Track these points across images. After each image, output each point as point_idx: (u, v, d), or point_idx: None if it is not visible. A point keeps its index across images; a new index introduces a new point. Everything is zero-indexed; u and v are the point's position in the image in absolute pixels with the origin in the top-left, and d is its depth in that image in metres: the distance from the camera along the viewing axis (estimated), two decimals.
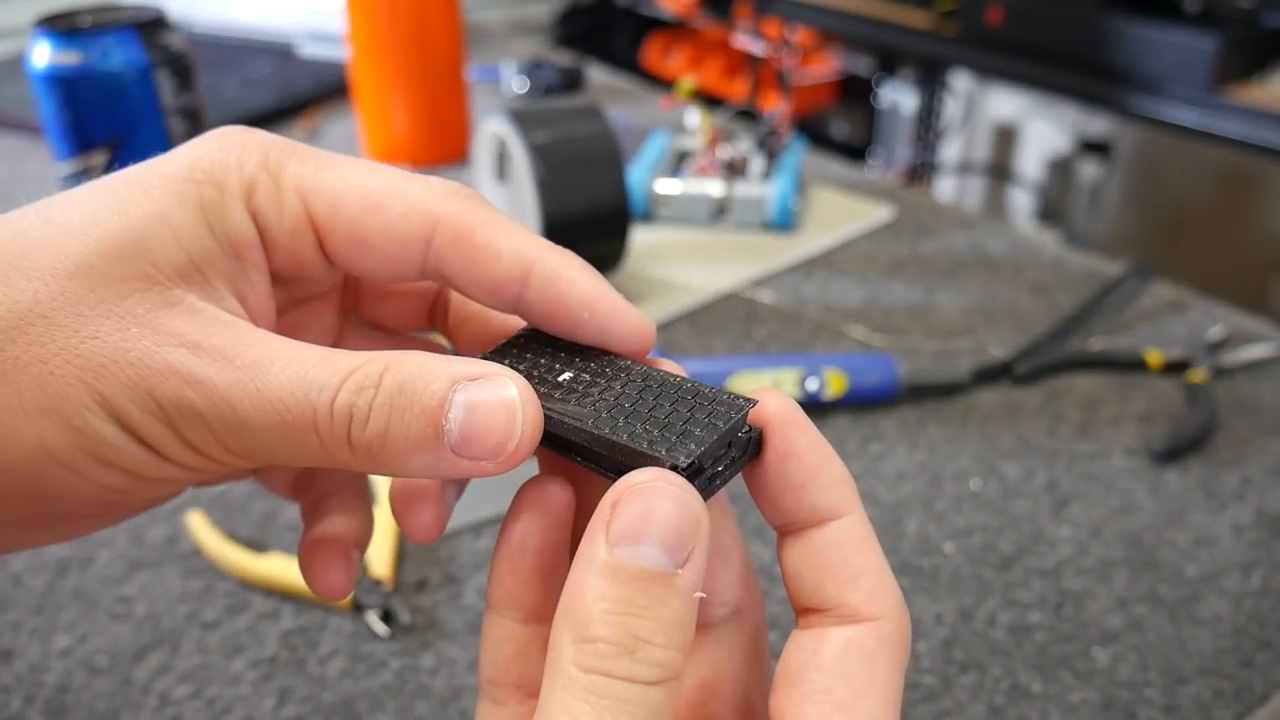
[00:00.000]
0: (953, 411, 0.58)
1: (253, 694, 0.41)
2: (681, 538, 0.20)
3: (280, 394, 0.21)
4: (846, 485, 0.23)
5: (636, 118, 1.00)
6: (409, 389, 0.21)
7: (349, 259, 0.25)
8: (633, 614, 0.20)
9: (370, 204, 0.24)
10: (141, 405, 0.21)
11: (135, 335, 0.21)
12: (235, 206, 0.23)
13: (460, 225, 0.24)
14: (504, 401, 0.22)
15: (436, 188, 0.25)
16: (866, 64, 2.16)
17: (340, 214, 0.24)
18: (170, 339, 0.21)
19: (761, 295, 0.70)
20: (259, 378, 0.21)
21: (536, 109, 0.65)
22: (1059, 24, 1.40)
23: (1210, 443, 0.55)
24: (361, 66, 0.87)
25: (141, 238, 0.22)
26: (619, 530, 0.20)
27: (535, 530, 0.24)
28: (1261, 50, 1.30)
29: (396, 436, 0.21)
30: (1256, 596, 0.46)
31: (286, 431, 0.21)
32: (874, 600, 0.22)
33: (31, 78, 0.62)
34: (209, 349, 0.21)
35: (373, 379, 0.21)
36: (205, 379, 0.21)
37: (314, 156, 0.25)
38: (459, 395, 0.21)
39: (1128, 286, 0.70)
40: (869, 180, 0.90)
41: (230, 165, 0.24)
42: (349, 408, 0.21)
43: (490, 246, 0.24)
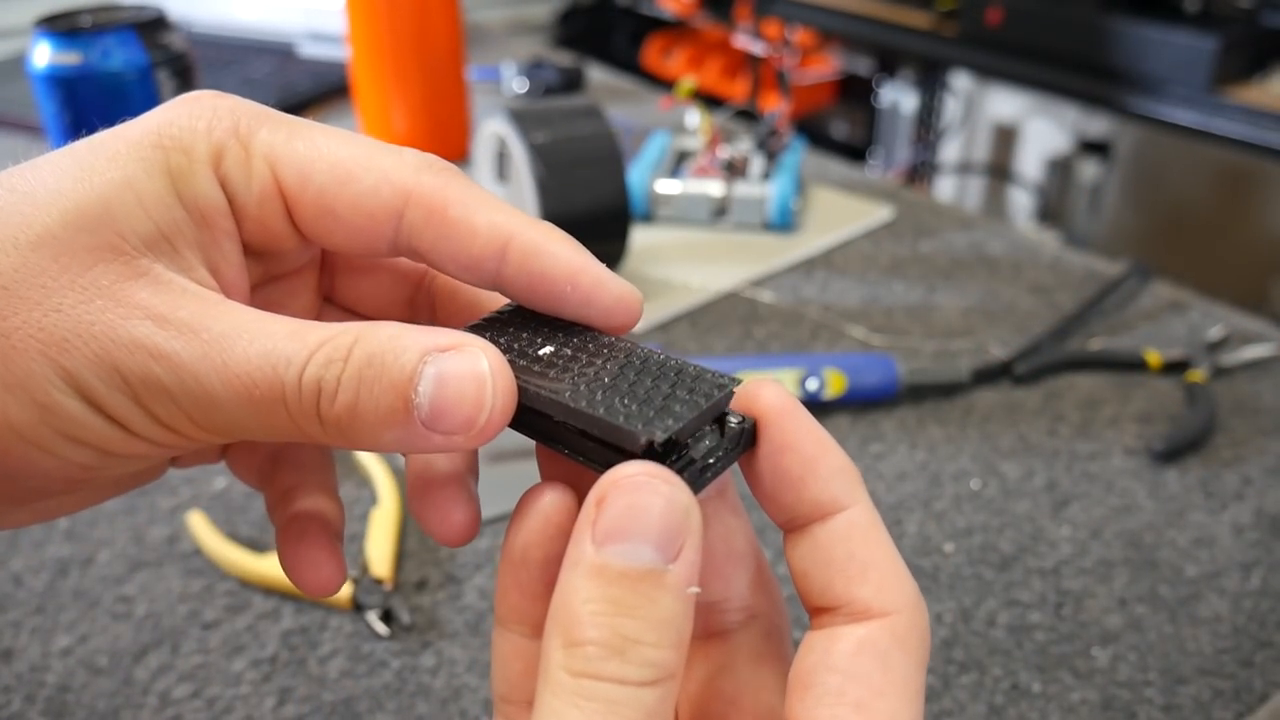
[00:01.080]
0: (953, 411, 0.58)
1: (253, 694, 0.41)
2: (670, 533, 0.20)
3: (248, 368, 0.21)
4: (848, 475, 0.22)
5: (636, 118, 1.00)
6: (378, 361, 0.21)
7: (318, 230, 0.24)
8: (621, 614, 0.19)
9: (340, 175, 0.23)
10: (107, 380, 0.20)
11: (100, 308, 0.20)
12: (203, 173, 0.23)
13: (433, 200, 0.23)
14: (474, 373, 0.21)
15: (409, 159, 0.24)
16: (866, 64, 2.16)
17: (309, 184, 0.23)
18: (136, 311, 0.21)
19: (761, 295, 0.70)
20: (226, 351, 0.21)
21: (536, 109, 0.65)
22: (1059, 24, 1.40)
23: (1210, 443, 0.55)
24: (361, 66, 0.87)
25: (107, 206, 0.21)
26: (604, 529, 0.20)
27: (536, 542, 0.23)
28: (1261, 50, 1.30)
29: (365, 410, 0.21)
30: (1256, 596, 0.46)
31: (254, 406, 0.21)
32: (885, 594, 0.21)
33: (32, 78, 0.62)
34: (175, 322, 0.21)
35: (341, 352, 0.21)
36: (170, 353, 0.21)
37: (286, 123, 0.24)
38: (429, 368, 0.21)
39: (1128, 286, 0.70)
40: (869, 180, 0.90)
41: (199, 131, 0.23)
42: (317, 381, 0.21)
43: (465, 222, 0.23)
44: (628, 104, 1.05)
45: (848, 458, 0.23)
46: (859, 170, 0.92)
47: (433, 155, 0.24)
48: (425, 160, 0.24)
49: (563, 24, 2.28)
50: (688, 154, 0.85)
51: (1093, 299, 0.68)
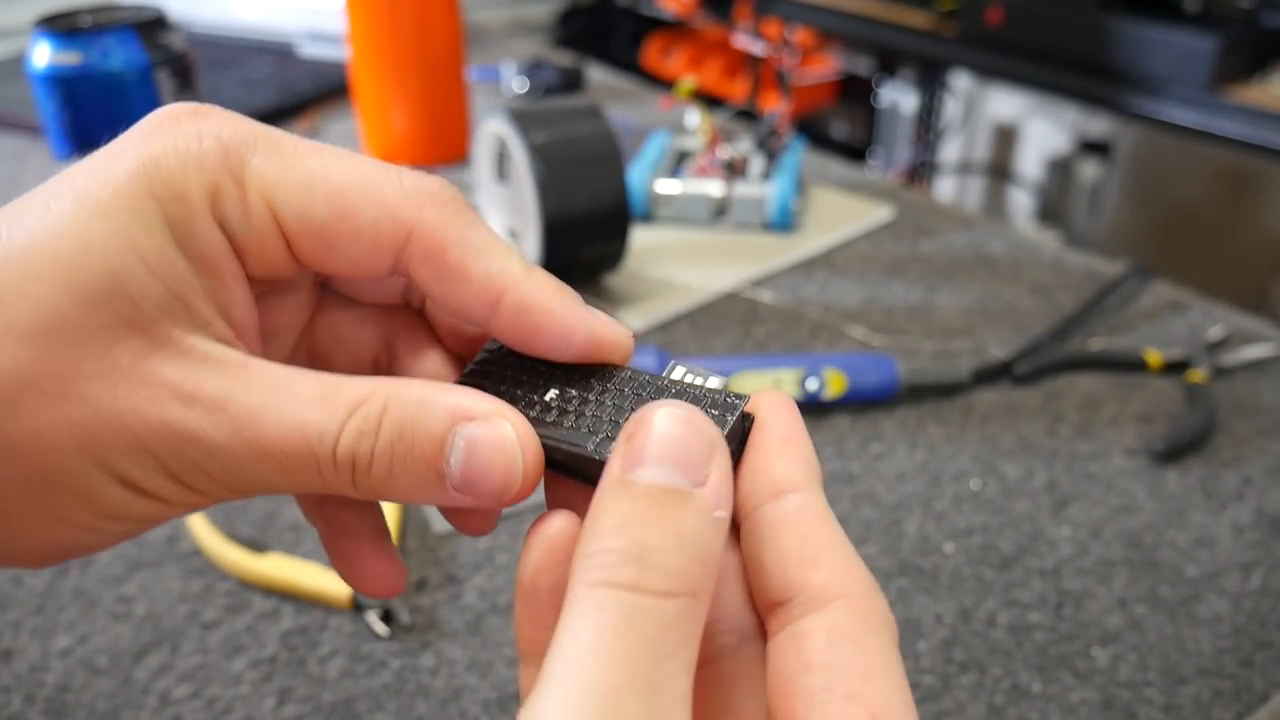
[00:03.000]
0: (953, 411, 0.58)
1: (253, 694, 0.41)
2: (693, 457, 0.20)
3: (279, 444, 0.21)
4: (809, 465, 0.22)
5: (636, 118, 1.00)
6: (409, 433, 0.21)
7: (317, 261, 0.24)
8: (641, 524, 0.19)
9: (339, 208, 0.23)
10: (144, 464, 0.21)
11: (125, 393, 0.20)
12: (202, 220, 0.22)
13: (433, 239, 0.23)
14: (503, 444, 0.22)
15: (412, 190, 0.23)
16: (866, 64, 2.16)
17: (309, 220, 0.23)
18: (162, 391, 0.21)
19: (761, 295, 0.70)
20: (257, 427, 0.21)
21: (536, 109, 0.65)
22: (1059, 24, 1.40)
23: (1210, 443, 0.55)
24: (361, 66, 0.87)
25: (114, 277, 0.20)
26: (632, 453, 0.20)
27: (544, 568, 0.23)
28: (1261, 50, 1.30)
29: (400, 480, 0.22)
30: (1256, 596, 0.46)
31: (288, 474, 0.21)
32: (841, 578, 0.21)
33: (31, 78, 0.62)
34: (202, 399, 0.21)
35: (371, 423, 0.21)
36: (202, 434, 0.21)
37: (276, 149, 0.23)
38: (458, 439, 0.21)
39: (1128, 286, 0.70)
40: (869, 180, 0.90)
41: (189, 171, 0.22)
42: (351, 455, 0.21)
43: (460, 268, 0.23)
44: (628, 104, 1.05)
45: (814, 454, 0.23)
46: (859, 170, 0.92)
47: (436, 180, 0.24)
48: (429, 189, 0.23)
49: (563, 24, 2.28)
50: (688, 154, 0.85)
51: (1093, 299, 0.68)
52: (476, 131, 0.69)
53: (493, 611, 0.45)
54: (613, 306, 0.68)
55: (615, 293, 0.69)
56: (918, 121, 2.04)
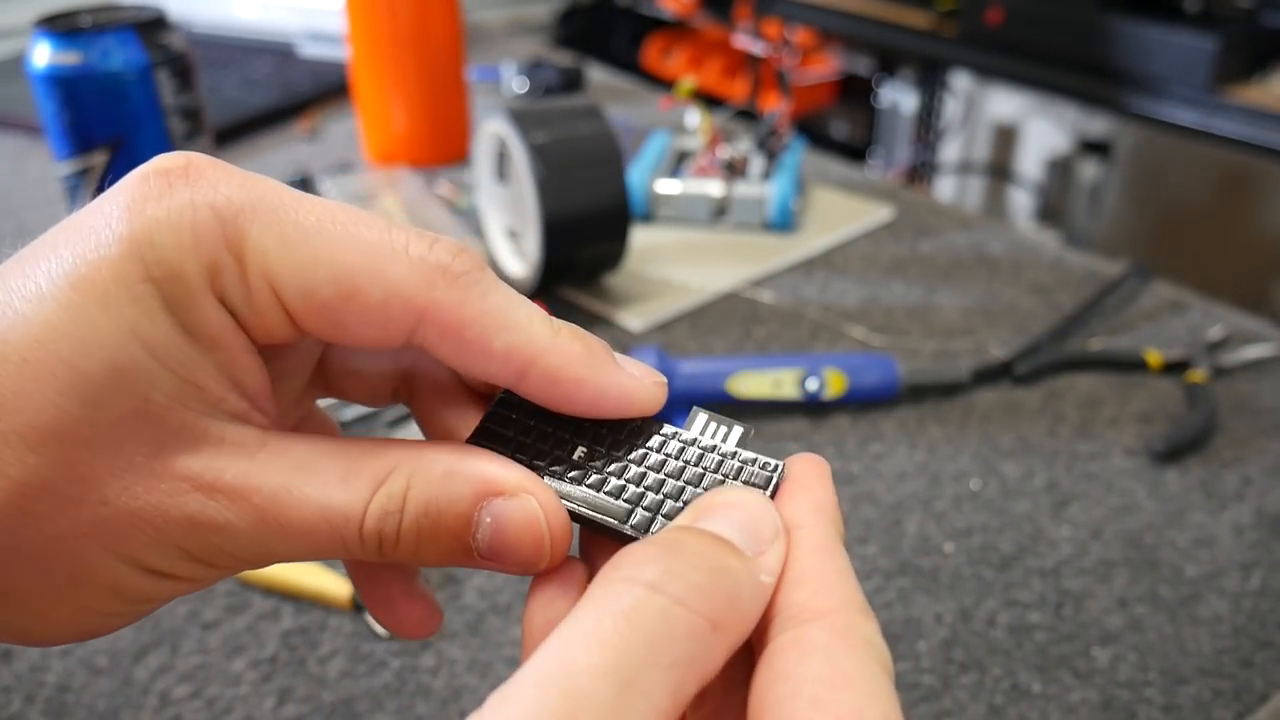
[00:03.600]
0: (953, 411, 0.58)
1: (253, 694, 0.41)
2: (759, 531, 0.20)
3: (304, 526, 0.21)
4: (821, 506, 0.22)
5: (636, 118, 1.00)
6: (434, 511, 0.21)
7: (326, 336, 0.23)
8: (682, 558, 0.19)
9: (345, 290, 0.21)
10: (170, 555, 0.21)
11: (144, 490, 0.20)
12: (203, 300, 0.21)
13: (448, 319, 0.22)
14: (529, 521, 0.22)
15: (420, 265, 0.21)
16: (866, 64, 2.16)
17: (313, 299, 0.21)
18: (181, 485, 0.20)
19: (761, 295, 0.70)
20: (280, 513, 0.21)
21: (536, 109, 0.65)
22: (1059, 24, 1.40)
23: (1210, 443, 0.55)
24: (361, 66, 0.87)
25: (120, 371, 0.20)
26: (694, 511, 0.20)
27: (561, 609, 0.22)
28: (1261, 50, 1.30)
29: (427, 553, 0.22)
30: (1256, 596, 0.46)
31: (315, 550, 0.22)
32: (818, 597, 0.20)
33: (31, 78, 0.62)
34: (223, 489, 0.21)
35: (396, 501, 0.21)
36: (225, 524, 0.21)
37: (276, 221, 0.21)
38: (485, 517, 0.21)
39: (1128, 286, 0.70)
40: (869, 180, 0.90)
41: (185, 248, 0.20)
42: (378, 534, 0.21)
43: (479, 345, 0.22)
44: (628, 104, 1.05)
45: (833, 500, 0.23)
46: (859, 170, 0.92)
47: (449, 248, 0.22)
48: (439, 264, 0.22)
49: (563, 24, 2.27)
50: (688, 154, 0.85)
51: (1093, 299, 0.68)
52: (476, 131, 0.69)
53: (493, 611, 0.45)
54: (613, 306, 0.68)
55: (615, 293, 0.69)
56: (918, 121, 2.04)
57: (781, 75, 0.85)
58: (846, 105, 2.22)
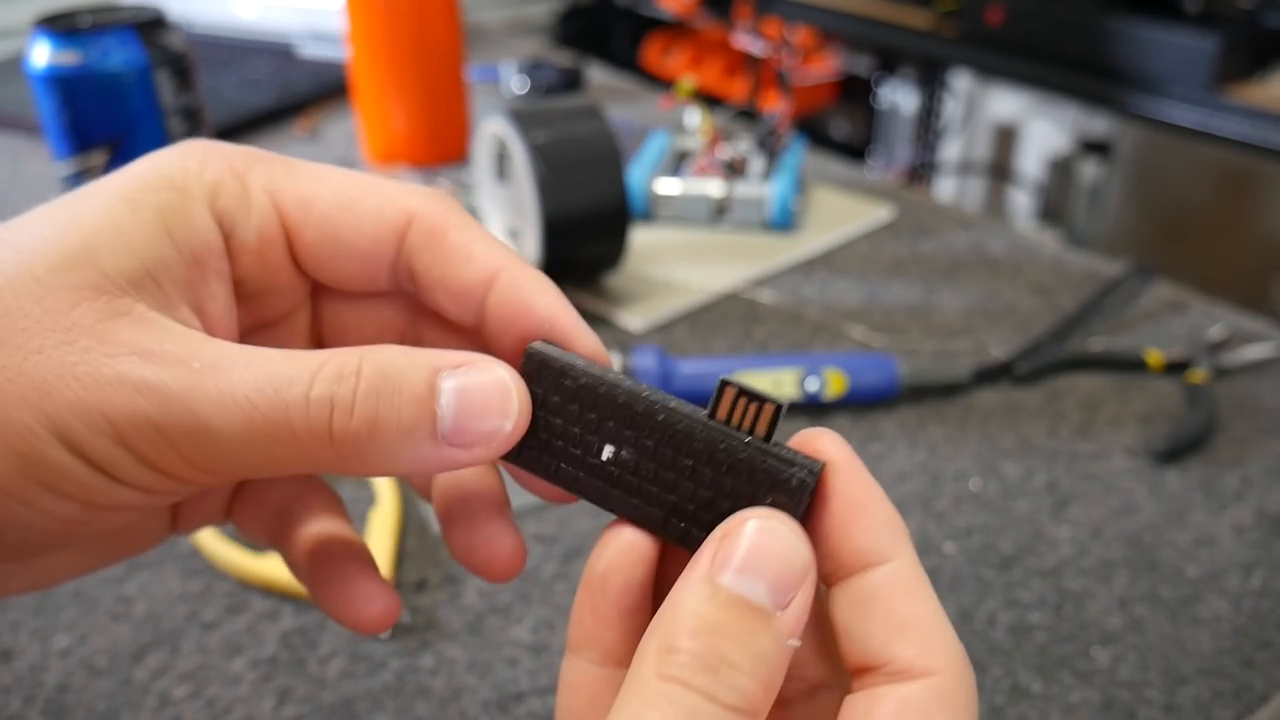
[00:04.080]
0: (953, 411, 0.58)
1: (253, 694, 0.41)
2: (788, 581, 0.20)
3: (245, 390, 0.20)
4: (894, 527, 0.22)
5: (636, 118, 1.00)
6: (395, 376, 0.21)
7: (321, 259, 0.24)
8: (723, 636, 0.19)
9: (343, 199, 0.24)
10: (91, 423, 0.19)
11: (83, 347, 0.20)
12: (198, 210, 0.22)
13: (435, 223, 0.24)
14: (496, 381, 0.21)
15: (410, 186, 0.24)
16: (866, 64, 2.16)
17: (312, 210, 0.23)
18: (120, 348, 0.20)
19: (761, 295, 0.70)
20: (220, 378, 0.20)
21: (536, 109, 0.65)
22: (1059, 24, 1.40)
23: (1210, 443, 0.55)
24: (361, 66, 0.87)
25: (90, 247, 0.21)
26: (726, 558, 0.20)
27: (617, 567, 0.23)
28: (1261, 50, 1.30)
29: (386, 424, 0.20)
30: (1256, 596, 0.46)
31: (255, 432, 0.20)
32: (928, 653, 0.21)
33: (31, 78, 0.62)
34: (161, 354, 0.20)
35: (351, 368, 0.21)
36: (159, 384, 0.20)
37: (281, 160, 0.24)
38: (446, 382, 0.21)
39: (1128, 286, 0.70)
40: (869, 180, 0.90)
41: (191, 170, 0.23)
42: (329, 397, 0.20)
43: (463, 247, 0.24)
44: (628, 104, 1.05)
45: (894, 511, 0.22)
46: (859, 170, 0.92)
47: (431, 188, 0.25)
48: (426, 189, 0.25)
49: (563, 24, 2.27)
50: (688, 154, 0.85)
51: (1093, 299, 0.68)
52: (476, 131, 0.69)
53: (492, 611, 0.45)
54: (613, 306, 0.68)
55: (615, 293, 0.69)
56: (918, 121, 2.04)
57: (781, 75, 0.85)
58: (846, 105, 2.22)
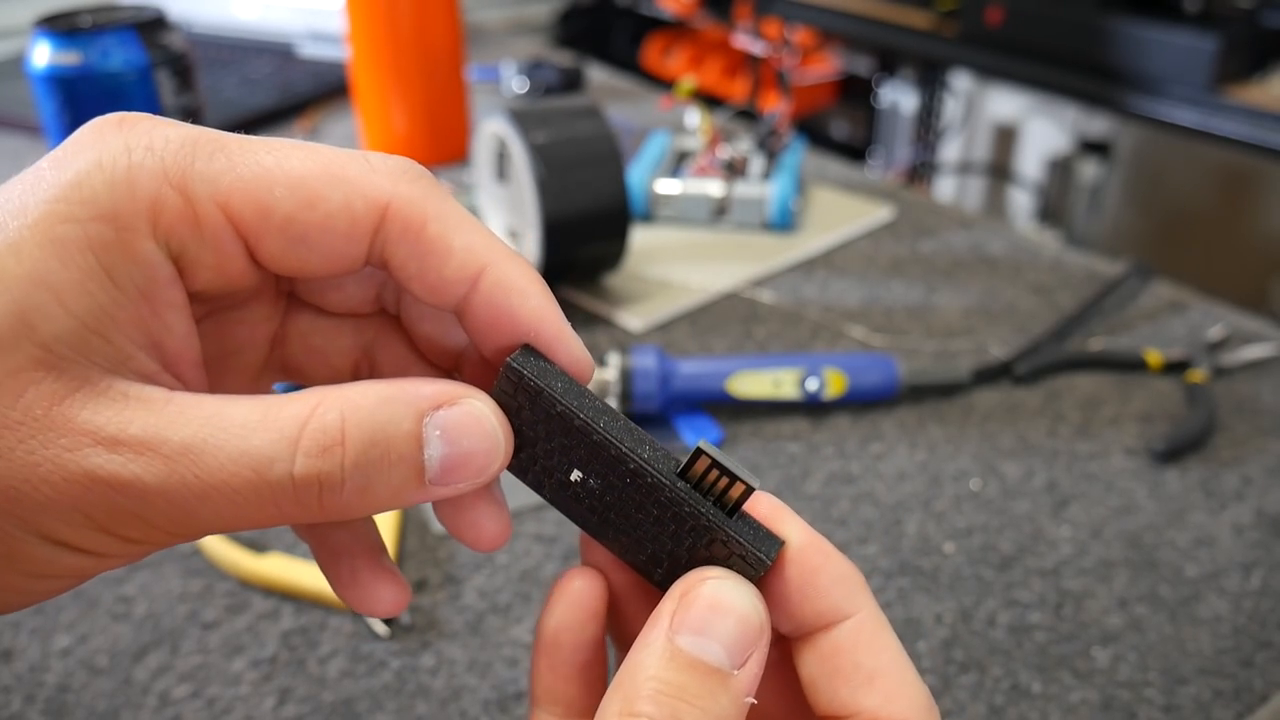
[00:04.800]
0: (953, 411, 0.58)
1: (253, 694, 0.41)
2: (744, 641, 0.21)
3: (223, 478, 0.19)
4: (850, 582, 0.22)
5: (636, 118, 1.00)
6: (381, 440, 0.20)
7: (286, 262, 0.21)
8: (682, 699, 0.20)
9: (305, 197, 0.20)
10: (69, 520, 0.18)
11: (41, 443, 0.18)
12: (138, 241, 0.19)
13: (411, 213, 0.21)
14: (479, 422, 0.21)
15: (381, 166, 0.21)
16: (866, 64, 2.16)
17: (271, 216, 0.20)
18: (82, 440, 0.18)
19: (761, 295, 0.70)
20: (194, 465, 0.19)
21: (536, 109, 0.65)
22: (1059, 24, 1.40)
23: (1210, 443, 0.55)
24: (361, 66, 0.87)
25: (21, 317, 0.18)
26: (684, 620, 0.21)
27: (568, 625, 0.24)
28: (1261, 50, 1.30)
29: (376, 491, 0.20)
30: (1256, 596, 0.46)
31: (238, 510, 0.19)
32: (892, 701, 0.21)
33: (31, 78, 0.62)
34: (127, 442, 0.18)
35: (334, 435, 0.19)
36: (132, 479, 0.18)
37: (222, 149, 0.20)
38: (431, 430, 0.20)
39: (1128, 286, 0.70)
40: (869, 180, 0.90)
41: (120, 188, 0.19)
42: (316, 475, 0.19)
43: (442, 240, 0.21)
44: (628, 104, 1.05)
45: (850, 565, 0.23)
46: (859, 170, 0.92)
47: (406, 160, 0.22)
48: (400, 167, 0.21)
49: (563, 24, 2.27)
50: (688, 154, 0.85)
51: (1093, 299, 0.68)
52: (476, 131, 0.69)
53: (492, 611, 0.45)
54: (613, 306, 0.68)
55: (615, 293, 0.69)
56: (918, 121, 2.04)
57: (781, 75, 0.85)
58: (846, 105, 2.22)
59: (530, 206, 0.63)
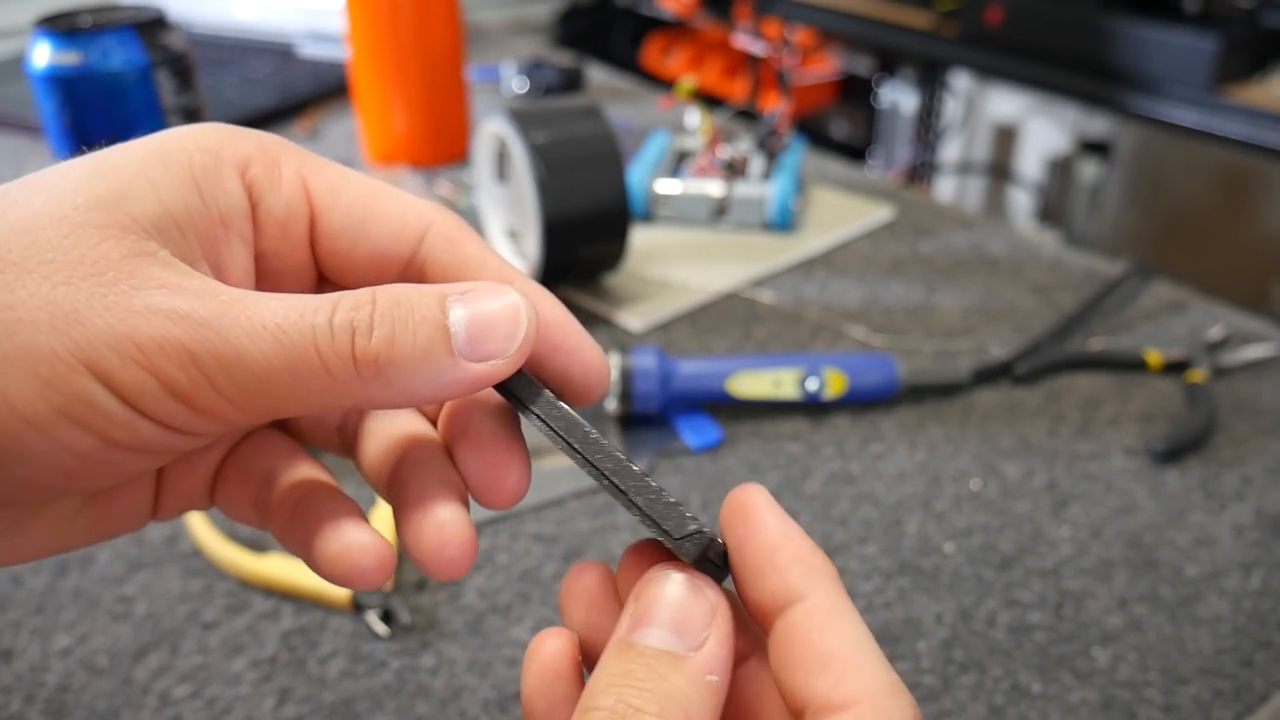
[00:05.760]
0: (953, 411, 0.58)
1: (253, 694, 0.41)
2: (691, 622, 0.21)
3: (274, 318, 0.21)
4: (808, 564, 0.22)
5: (636, 118, 1.00)
6: (405, 302, 0.22)
7: (340, 245, 0.25)
8: (630, 685, 0.20)
9: (369, 194, 0.25)
10: (122, 350, 0.19)
11: (111, 279, 0.20)
12: (229, 173, 0.23)
13: (453, 233, 0.25)
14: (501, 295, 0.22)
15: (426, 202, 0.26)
16: (866, 64, 2.16)
17: (340, 197, 0.25)
18: (148, 281, 0.20)
19: (761, 295, 0.70)
20: (248, 308, 0.21)
21: (536, 109, 0.65)
22: (1059, 24, 1.40)
23: (1210, 443, 0.55)
24: (361, 66, 0.87)
25: (120, 191, 0.21)
26: (633, 614, 0.22)
27: (540, 689, 0.24)
28: (1261, 50, 1.30)
29: (404, 343, 0.21)
30: (1256, 596, 0.46)
31: (284, 359, 0.20)
32: (842, 684, 0.20)
33: (31, 78, 0.62)
34: (189, 289, 0.21)
35: (366, 298, 0.22)
36: (190, 311, 0.20)
37: (309, 153, 0.25)
38: (456, 307, 0.22)
39: (1128, 286, 0.70)
40: (869, 180, 0.90)
41: (225, 140, 0.23)
42: (350, 322, 0.21)
43: (479, 258, 0.25)
44: (628, 104, 1.05)
45: (813, 547, 0.22)
46: (859, 170, 0.92)
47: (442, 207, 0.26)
48: (438, 204, 0.26)
49: (563, 24, 2.27)
50: (688, 154, 0.85)
51: (1093, 299, 0.68)
52: (476, 131, 0.69)
53: (492, 611, 0.45)
54: (613, 306, 0.68)
55: (615, 293, 0.69)
56: (918, 121, 2.04)
57: (781, 75, 0.85)
58: (846, 105, 2.22)
59: (530, 206, 0.63)
